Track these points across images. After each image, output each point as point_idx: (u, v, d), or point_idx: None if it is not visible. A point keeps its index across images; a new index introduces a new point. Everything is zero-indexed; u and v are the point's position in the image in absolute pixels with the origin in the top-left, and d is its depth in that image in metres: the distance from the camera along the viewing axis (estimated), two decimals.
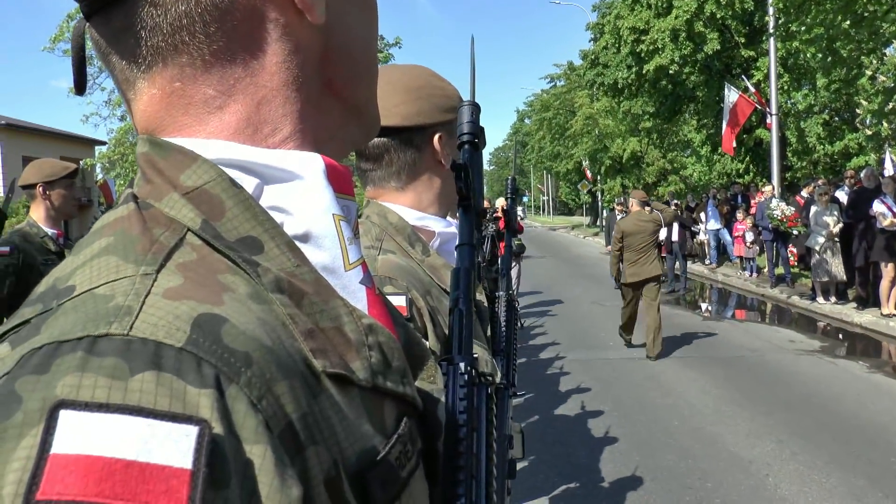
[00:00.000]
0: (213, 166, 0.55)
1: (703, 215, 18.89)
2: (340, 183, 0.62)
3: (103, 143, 26.19)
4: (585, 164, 42.02)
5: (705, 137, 27.07)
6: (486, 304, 1.52)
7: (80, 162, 24.47)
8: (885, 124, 19.19)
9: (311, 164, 0.59)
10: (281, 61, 0.59)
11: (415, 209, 1.39)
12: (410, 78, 1.38)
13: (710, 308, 13.33)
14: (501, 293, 1.60)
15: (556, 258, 24.64)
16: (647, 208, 9.21)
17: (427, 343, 1.12)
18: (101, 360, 0.41)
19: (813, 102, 24.31)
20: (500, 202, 12.52)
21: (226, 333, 0.45)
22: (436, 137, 1.37)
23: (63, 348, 0.42)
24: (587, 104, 37.89)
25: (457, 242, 0.90)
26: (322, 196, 0.59)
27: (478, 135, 0.97)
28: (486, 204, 11.08)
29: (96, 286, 0.47)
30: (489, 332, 1.51)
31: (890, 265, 10.32)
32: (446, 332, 1.26)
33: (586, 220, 49.99)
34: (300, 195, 0.58)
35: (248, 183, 0.57)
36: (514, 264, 12.36)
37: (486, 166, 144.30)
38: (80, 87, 0.60)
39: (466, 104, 1.03)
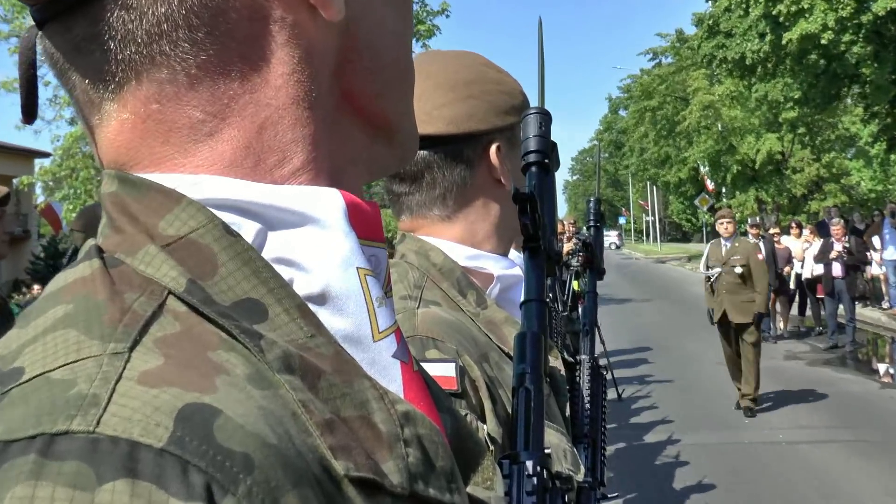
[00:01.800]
0: (201, 209, 0.58)
1: (876, 240, 18.53)
2: (366, 225, 0.64)
3: (46, 155, 26.74)
4: (704, 170, 41.74)
5: (876, 131, 26.59)
6: (562, 371, 1.54)
7: (14, 181, 25.10)
8: None
9: (328, 203, 0.62)
10: (289, 72, 0.62)
11: (466, 245, 1.42)
12: (457, 69, 1.42)
13: (891, 371, 13.01)
14: (584, 357, 1.62)
15: (665, 301, 24.40)
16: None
17: (484, 429, 1.14)
18: (61, 464, 0.43)
19: None
20: (570, 224, 12.63)
21: (219, 429, 0.47)
22: (493, 148, 1.40)
23: (10, 450, 0.43)
24: (705, 88, 37.75)
25: (523, 293, 0.93)
26: (342, 244, 0.61)
27: (548, 153, 0.99)
28: (560, 228, 11.12)
29: (52, 369, 0.49)
30: (568, 411, 1.52)
31: None
32: (509, 410, 1.27)
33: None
34: (314, 244, 0.61)
35: (248, 229, 0.59)
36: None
37: (566, 175, 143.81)
38: (30, 112, 0.64)
39: (533, 113, 1.05)
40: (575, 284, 9.71)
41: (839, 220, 16.45)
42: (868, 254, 18.94)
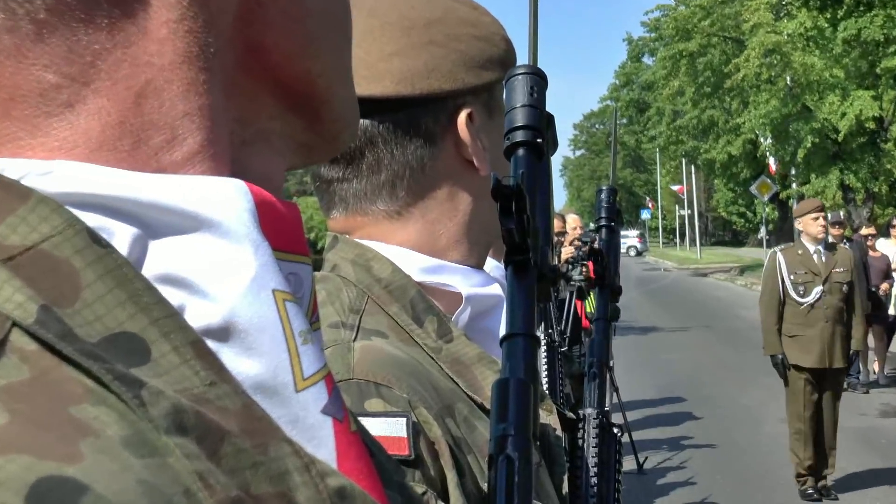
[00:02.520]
0: (57, 209, 0.59)
1: None
2: (283, 233, 0.66)
3: None
4: (766, 143, 41.94)
5: None
6: (558, 431, 1.55)
7: None
8: None
9: (230, 201, 0.63)
10: (176, 18, 0.64)
11: (424, 252, 1.45)
12: (413, 3, 1.44)
13: None
14: (590, 411, 1.63)
15: (707, 332, 24.61)
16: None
17: None
18: None
19: None
20: (573, 220, 12.42)
21: None
22: (462, 117, 1.43)
23: None
24: (768, 24, 37.93)
25: (504, 322, 0.96)
26: (251, 259, 0.63)
27: (542, 129, 1.02)
28: (558, 227, 11.04)
29: None
30: (567, 486, 1.55)
31: None
32: (484, 487, 1.30)
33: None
34: (214, 258, 0.62)
35: (122, 236, 0.61)
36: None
37: (566, 149, 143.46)
38: None
39: (521, 73, 1.08)
40: (584, 306, 9.72)
41: None
42: None
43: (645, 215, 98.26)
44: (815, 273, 9.93)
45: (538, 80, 1.13)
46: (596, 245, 1.84)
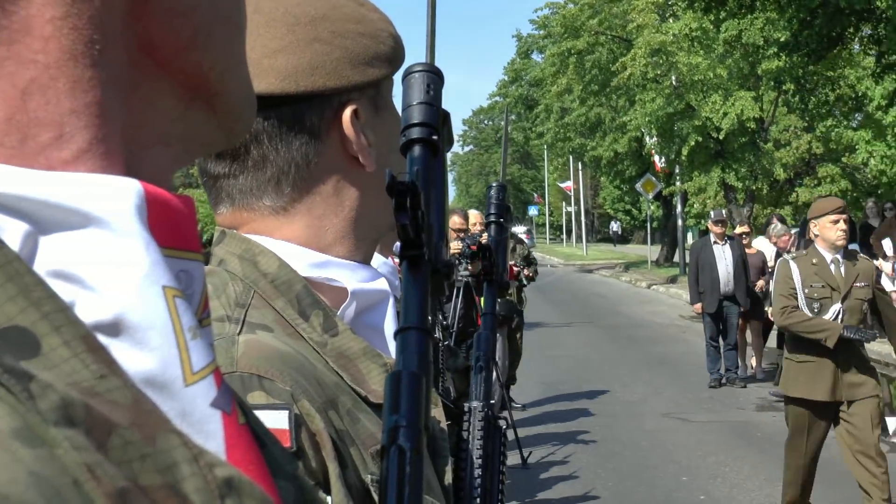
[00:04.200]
0: None
1: (886, 243, 19.15)
2: (175, 229, 0.66)
3: None
4: (651, 142, 42.37)
5: (892, 92, 27.45)
6: (443, 423, 1.57)
7: None
8: None
9: (119, 198, 0.64)
10: (60, 15, 0.63)
11: (311, 248, 1.46)
12: (298, 2, 1.46)
13: None
14: (475, 404, 1.62)
15: (593, 328, 24.86)
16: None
17: (328, 501, 1.18)
18: None
19: None
20: (475, 216, 12.31)
21: None
22: (347, 113, 1.45)
23: None
24: (654, 25, 38.36)
25: (400, 317, 0.96)
26: (142, 255, 0.63)
27: (438, 126, 1.03)
28: (458, 224, 11.01)
29: None
30: (450, 477, 1.55)
31: None
32: (366, 479, 1.32)
33: (654, 251, 50.37)
34: (104, 254, 0.63)
35: (12, 232, 0.61)
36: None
37: (456, 146, 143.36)
38: None
39: (418, 71, 1.09)
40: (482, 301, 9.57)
41: (783, 228, 16.69)
42: (876, 263, 19.58)
43: (532, 211, 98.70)
44: (834, 287, 8.31)
45: (435, 78, 1.14)
46: (484, 241, 1.85)
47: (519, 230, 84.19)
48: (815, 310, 8.28)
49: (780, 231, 15.94)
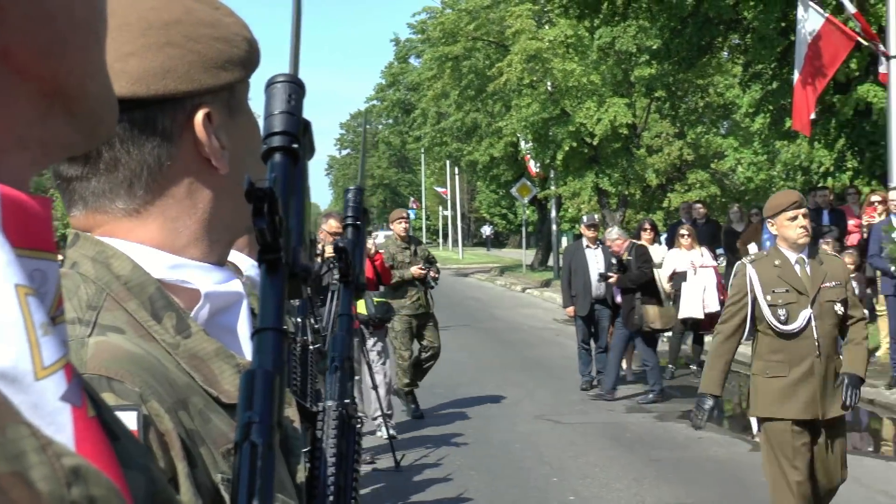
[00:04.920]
0: None
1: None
2: (28, 230, 0.68)
3: None
4: (526, 147, 42.42)
5: (759, 99, 27.88)
6: (296, 423, 1.57)
7: None
8: None
9: None
10: None
11: (165, 250, 1.47)
12: (152, 4, 1.46)
13: None
14: (330, 403, 1.63)
15: (470, 330, 24.83)
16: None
17: (177, 500, 1.21)
18: None
19: None
20: (330, 226, 12.15)
21: None
22: (199, 117, 1.46)
23: None
24: (530, 31, 38.47)
25: (258, 319, 0.99)
26: None
27: (298, 135, 1.07)
28: (332, 226, 10.92)
29: None
30: (300, 475, 1.55)
31: None
32: (216, 478, 1.34)
33: (529, 255, 50.53)
34: None
35: None
36: (371, 339, 12.34)
37: (333, 149, 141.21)
38: None
39: (280, 81, 1.12)
40: (360, 305, 9.55)
41: (619, 232, 16.68)
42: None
43: (410, 214, 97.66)
44: (801, 291, 7.27)
45: (296, 88, 1.16)
46: (341, 244, 1.81)
47: (378, 237, 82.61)
48: (782, 318, 7.21)
49: (615, 235, 15.94)
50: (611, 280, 15.33)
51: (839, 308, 7.31)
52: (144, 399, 1.27)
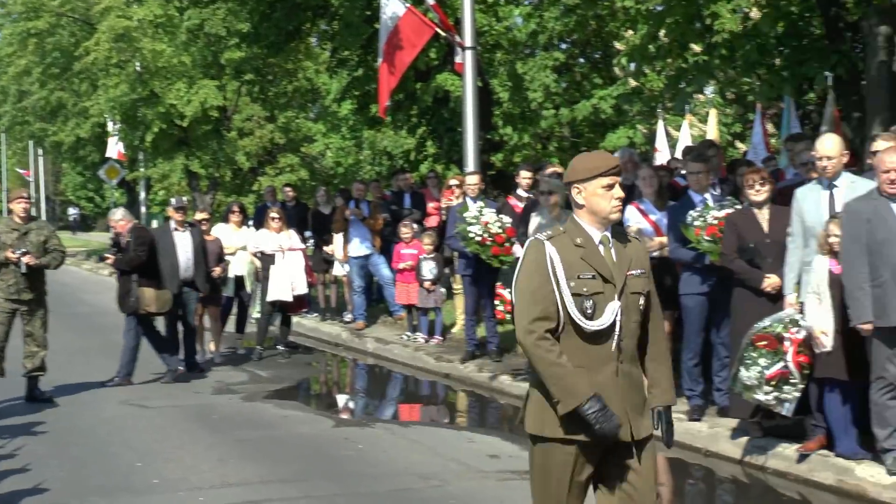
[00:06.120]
0: None
1: (336, 238, 20.03)
2: None
3: None
4: (115, 128, 41.67)
5: (345, 86, 28.47)
6: None
7: None
8: (649, 72, 21.71)
9: None
10: None
11: None
12: None
13: (350, 405, 14.60)
14: None
15: (55, 316, 23.76)
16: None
17: None
18: None
19: (539, 30, 26.78)
20: None
21: None
22: None
23: None
24: (119, 9, 37.70)
25: None
26: None
27: None
28: None
29: None
30: None
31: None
32: None
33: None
34: None
35: None
36: None
37: None
38: None
39: None
40: None
41: (123, 213, 16.66)
42: (328, 249, 20.47)
43: None
44: (606, 278, 5.31)
45: None
46: None
47: None
48: (588, 311, 5.22)
49: (118, 216, 15.84)
50: (107, 261, 15.48)
51: (642, 303, 5.46)
52: None
